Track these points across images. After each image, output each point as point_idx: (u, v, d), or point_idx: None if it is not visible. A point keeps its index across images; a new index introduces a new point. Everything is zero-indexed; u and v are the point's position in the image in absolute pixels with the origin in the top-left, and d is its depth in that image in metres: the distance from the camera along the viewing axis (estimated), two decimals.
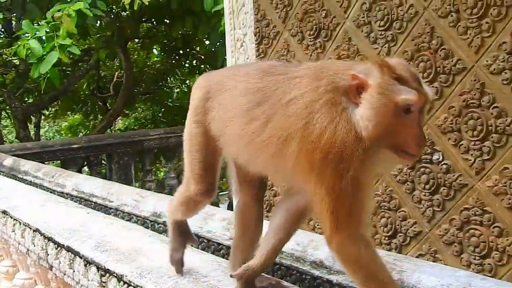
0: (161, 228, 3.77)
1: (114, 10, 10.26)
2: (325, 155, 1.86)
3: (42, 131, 20.73)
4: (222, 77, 2.46)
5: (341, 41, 3.53)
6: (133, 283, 2.38)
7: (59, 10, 7.25)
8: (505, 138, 2.74)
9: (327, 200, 1.89)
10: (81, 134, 16.29)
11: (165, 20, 11.16)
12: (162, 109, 16.93)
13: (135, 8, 6.96)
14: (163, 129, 10.99)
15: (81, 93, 15.44)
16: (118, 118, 18.15)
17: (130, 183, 8.17)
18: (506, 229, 2.76)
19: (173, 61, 15.20)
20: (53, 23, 7.22)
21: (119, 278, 2.50)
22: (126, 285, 2.44)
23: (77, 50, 7.43)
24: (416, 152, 1.87)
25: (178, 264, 2.60)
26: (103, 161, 9.07)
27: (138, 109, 17.99)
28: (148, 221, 3.98)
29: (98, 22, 9.63)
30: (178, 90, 17.16)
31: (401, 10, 3.15)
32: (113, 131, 16.60)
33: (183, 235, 2.69)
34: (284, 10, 3.92)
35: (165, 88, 16.89)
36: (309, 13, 3.74)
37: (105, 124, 12.69)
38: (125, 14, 10.50)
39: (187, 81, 16.98)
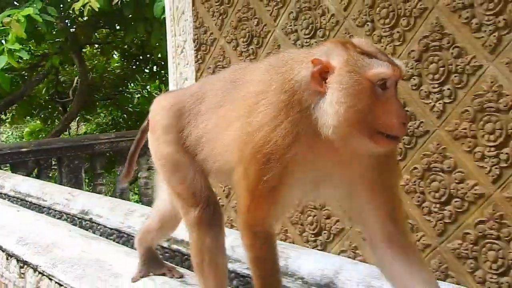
0: (87, 225, 3.86)
1: (71, 15, 10.22)
2: (256, 152, 1.78)
3: (4, 137, 20.51)
4: (195, 90, 2.32)
5: (271, 48, 3.66)
6: (46, 272, 2.49)
7: (8, 16, 7.22)
8: (415, 140, 2.90)
9: (245, 195, 1.88)
10: None
11: (120, 26, 11.14)
12: (124, 114, 16.84)
13: (85, 14, 7.00)
14: (114, 133, 10.92)
15: (40, 98, 15.29)
16: (82, 124, 18.16)
17: (80, 186, 8.17)
18: (416, 225, 2.91)
19: (133, 67, 15.16)
20: (2, 28, 7.19)
21: (35, 269, 2.60)
22: (40, 275, 2.54)
23: (26, 54, 7.42)
24: (401, 132, 1.68)
25: None
26: (54, 165, 9.03)
27: (101, 114, 17.89)
28: (76, 218, 4.07)
29: (53, 27, 9.58)
30: (138, 95, 17.08)
31: (323, 20, 3.30)
32: (72, 136, 16.51)
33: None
34: (220, 18, 4.03)
35: (125, 94, 16.78)
36: (242, 21, 3.86)
37: (59, 129, 12.60)
38: (82, 20, 10.49)
39: (147, 87, 16.95)
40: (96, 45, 14.36)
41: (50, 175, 8.65)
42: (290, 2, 3.49)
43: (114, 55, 15.60)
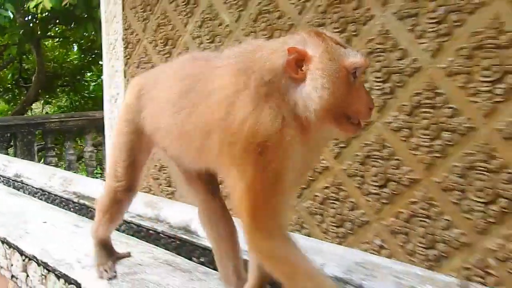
0: (19, 185, 3.97)
1: (30, 12, 9.94)
2: (246, 147, 1.47)
3: None
4: (155, 73, 2.07)
5: (182, 49, 3.81)
6: None
7: None
8: None
9: (247, 197, 1.50)
10: None
11: (73, 24, 10.93)
12: (81, 99, 16.66)
13: (38, 11, 6.87)
14: (64, 113, 10.89)
15: (6, 82, 14.96)
16: (46, 106, 17.88)
17: (33, 158, 8.15)
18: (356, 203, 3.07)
19: (90, 59, 15.04)
20: None
21: None
22: None
23: None
24: (369, 117, 1.54)
25: (112, 273, 2.30)
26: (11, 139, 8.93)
27: (62, 98, 17.61)
28: (11, 180, 4.16)
29: (13, 21, 9.30)
30: (94, 83, 16.89)
31: (220, 29, 3.48)
32: None
33: (108, 250, 2.41)
34: (144, 22, 4.14)
35: (82, 82, 16.59)
36: (160, 26, 3.98)
37: (18, 109, 12.29)
38: (40, 16, 10.24)
39: (101, 76, 16.75)
40: (56, 39, 14.10)
41: (7, 148, 8.53)
42: (196, 13, 3.65)
43: (73, 48, 15.44)
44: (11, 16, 7.91)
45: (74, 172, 6.94)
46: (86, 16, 9.21)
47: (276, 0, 3.08)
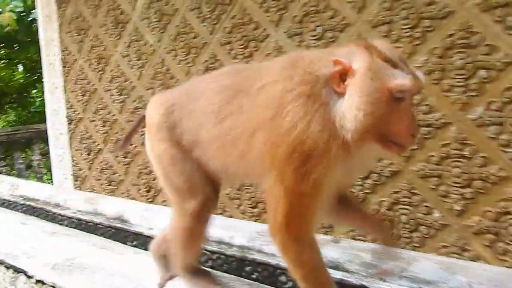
0: None
1: None
2: (291, 152, 1.26)
3: None
4: (183, 89, 1.71)
5: (114, 67, 3.79)
6: None
7: None
8: None
9: (284, 200, 1.30)
10: None
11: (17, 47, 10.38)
12: (28, 114, 15.86)
13: None
14: (10, 127, 10.36)
15: None
16: None
17: None
18: None
19: (34, 77, 14.34)
20: None
21: None
22: None
23: None
24: (410, 143, 1.25)
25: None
26: None
27: (11, 114, 16.66)
28: None
29: None
30: (39, 99, 16.15)
31: (145, 48, 3.49)
32: None
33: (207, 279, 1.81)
34: (79, 44, 4.07)
35: (28, 98, 15.79)
36: (94, 47, 3.93)
37: None
38: None
39: None
40: (2, 61, 13.35)
41: None
42: (124, 35, 3.65)
43: (18, 69, 14.68)
44: None
45: (25, 179, 6.62)
46: (29, 40, 8.81)
47: (190, 23, 3.15)
